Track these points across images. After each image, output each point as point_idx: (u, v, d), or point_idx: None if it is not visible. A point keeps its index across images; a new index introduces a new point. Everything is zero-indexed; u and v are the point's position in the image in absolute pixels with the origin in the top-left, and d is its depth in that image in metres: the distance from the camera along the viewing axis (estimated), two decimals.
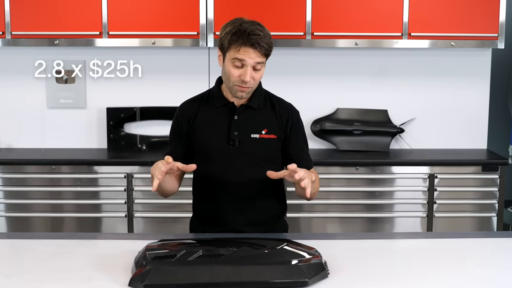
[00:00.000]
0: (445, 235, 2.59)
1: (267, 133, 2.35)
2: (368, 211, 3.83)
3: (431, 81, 4.21)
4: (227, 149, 2.33)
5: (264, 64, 2.26)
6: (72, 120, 4.18)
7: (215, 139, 2.35)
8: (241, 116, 2.35)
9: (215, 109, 2.37)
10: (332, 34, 3.83)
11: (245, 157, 2.32)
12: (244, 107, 2.36)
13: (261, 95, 2.39)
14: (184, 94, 2.69)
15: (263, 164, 2.31)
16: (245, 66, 2.21)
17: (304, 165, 2.30)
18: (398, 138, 4.21)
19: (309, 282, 1.77)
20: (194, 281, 1.73)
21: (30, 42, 3.84)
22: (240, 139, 2.33)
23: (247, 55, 2.19)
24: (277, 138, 2.36)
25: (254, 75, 2.24)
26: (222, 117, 2.36)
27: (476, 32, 3.85)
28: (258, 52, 2.19)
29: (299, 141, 2.41)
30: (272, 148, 2.37)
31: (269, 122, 2.37)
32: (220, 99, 2.37)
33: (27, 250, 2.12)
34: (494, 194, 3.82)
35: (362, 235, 2.93)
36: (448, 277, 1.88)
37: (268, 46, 2.22)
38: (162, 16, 3.82)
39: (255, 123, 2.35)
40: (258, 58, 2.21)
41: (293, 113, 2.42)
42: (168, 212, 3.77)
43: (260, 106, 2.38)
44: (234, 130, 2.33)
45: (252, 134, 2.34)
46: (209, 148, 2.36)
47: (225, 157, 2.33)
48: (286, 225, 2.54)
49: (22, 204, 3.80)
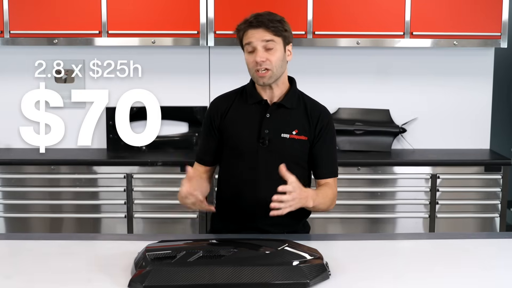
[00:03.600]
0: (447, 236, 2.61)
1: (297, 133, 2.34)
2: (369, 212, 3.81)
3: (433, 80, 4.19)
4: (256, 146, 2.32)
5: (279, 45, 2.27)
6: (71, 120, 4.16)
7: (245, 136, 2.34)
8: (273, 115, 2.34)
9: (248, 105, 2.37)
10: (333, 33, 3.82)
11: (273, 156, 2.30)
12: (277, 106, 2.35)
13: (294, 94, 2.39)
14: (184, 94, 2.68)
15: (291, 164, 2.24)
16: (255, 48, 2.24)
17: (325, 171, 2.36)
18: (400, 138, 4.19)
19: (310, 283, 1.75)
20: (194, 282, 1.72)
21: (29, 41, 3.83)
22: (270, 138, 2.32)
23: (253, 37, 2.24)
24: (307, 140, 2.35)
25: (268, 56, 2.25)
26: (254, 114, 2.35)
27: (479, 31, 3.83)
28: (263, 31, 2.24)
29: (326, 145, 2.37)
30: (301, 150, 2.35)
31: (300, 122, 2.35)
32: (253, 95, 2.37)
33: (26, 251, 2.11)
34: (497, 194, 3.80)
35: (364, 236, 2.92)
36: (450, 278, 1.87)
37: (277, 25, 2.26)
38: (162, 15, 3.80)
39: (286, 122, 2.34)
40: (267, 36, 2.24)
41: (324, 115, 2.40)
42: (168, 212, 3.76)
43: (293, 105, 2.36)
44: (265, 128, 2.32)
45: (283, 133, 2.33)
46: (238, 145, 2.35)
47: (253, 154, 2.32)
48: (308, 226, 2.53)
49: (21, 204, 3.79)
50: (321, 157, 2.37)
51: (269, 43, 2.24)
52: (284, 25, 2.29)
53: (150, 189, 3.75)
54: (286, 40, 2.30)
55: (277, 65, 2.27)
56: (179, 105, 4.09)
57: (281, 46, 2.28)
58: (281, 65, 2.29)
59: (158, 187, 3.76)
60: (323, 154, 2.37)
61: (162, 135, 4.09)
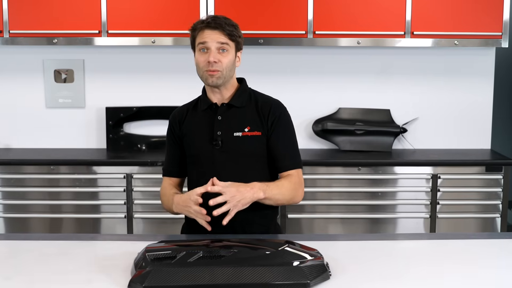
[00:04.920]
0: (448, 236, 2.59)
1: (250, 130, 2.36)
2: (370, 212, 3.80)
3: (434, 80, 4.18)
4: (211, 149, 2.36)
5: (232, 49, 2.33)
6: (71, 120, 4.16)
7: (200, 141, 2.38)
8: (224, 116, 2.38)
9: (201, 112, 2.42)
10: (334, 32, 3.81)
11: (229, 156, 2.33)
12: (227, 107, 2.39)
13: (245, 93, 2.42)
14: (184, 94, 2.68)
15: (248, 162, 2.31)
16: (208, 49, 2.29)
17: (284, 163, 2.35)
18: (401, 138, 4.18)
19: (310, 283, 1.75)
20: (194, 283, 1.71)
21: (28, 41, 3.82)
22: (223, 138, 2.35)
23: (210, 36, 2.29)
24: (261, 135, 2.36)
25: (220, 57, 2.30)
26: (206, 118, 2.40)
27: (480, 31, 3.82)
28: (219, 33, 2.29)
29: (280, 137, 2.38)
30: (256, 145, 2.36)
31: (252, 119, 2.37)
32: (205, 101, 2.42)
33: (25, 251, 2.11)
34: (498, 194, 3.79)
35: (365, 236, 2.91)
36: (451, 278, 1.86)
37: (231, 29, 2.31)
38: (162, 14, 3.80)
39: (237, 121, 2.37)
40: (222, 39, 2.29)
41: (276, 108, 2.40)
42: (168, 213, 3.72)
43: (243, 104, 2.39)
44: (217, 130, 2.36)
45: (235, 132, 2.36)
46: (195, 150, 2.40)
47: (209, 157, 2.35)
48: (279, 227, 2.51)
49: (20, 204, 3.78)
50: (278, 150, 2.37)
51: (223, 45, 2.30)
52: (239, 31, 2.36)
53: (150, 189, 3.74)
54: (238, 46, 2.37)
55: (227, 68, 2.32)
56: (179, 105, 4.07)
57: (233, 50, 2.35)
58: (231, 68, 2.35)
59: (158, 187, 3.68)
60: (279, 147, 2.37)
61: (162, 135, 4.08)
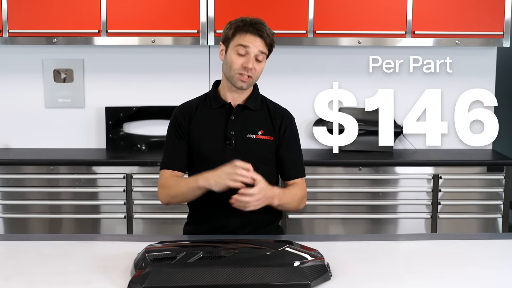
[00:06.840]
0: (450, 237, 2.59)
1: (263, 134, 2.38)
2: (371, 212, 3.79)
3: (435, 80, 4.16)
4: (223, 148, 2.35)
5: (265, 58, 2.33)
6: (70, 120, 4.16)
7: (212, 139, 2.37)
8: (238, 116, 2.38)
9: (212, 110, 2.40)
10: (334, 32, 3.81)
11: (240, 156, 2.31)
12: (241, 108, 2.39)
13: (257, 97, 2.43)
14: (184, 93, 2.67)
15: (258, 164, 2.29)
16: (248, 54, 2.28)
17: (292, 172, 2.39)
18: (402, 138, 4.17)
19: (311, 284, 1.74)
20: (194, 283, 1.71)
21: (27, 40, 3.81)
22: (236, 139, 2.35)
23: (252, 42, 2.28)
24: (273, 140, 2.39)
25: (255, 65, 2.30)
26: (219, 117, 2.39)
27: (481, 30, 3.81)
28: (263, 41, 2.29)
29: (291, 146, 2.42)
30: (268, 150, 2.39)
31: (265, 124, 2.39)
32: (217, 100, 2.40)
33: (25, 251, 2.10)
34: (500, 195, 3.78)
35: (365, 237, 2.91)
36: (452, 279, 1.86)
37: (271, 40, 2.31)
38: (162, 14, 3.79)
39: (251, 123, 2.38)
40: (262, 48, 2.29)
41: (287, 117, 2.45)
42: (168, 213, 3.74)
43: (257, 107, 2.41)
44: (230, 130, 2.36)
45: (249, 134, 2.37)
46: (205, 148, 2.37)
47: (220, 156, 2.32)
48: (281, 229, 2.52)
49: (19, 205, 3.77)
50: (287, 159, 2.42)
51: (262, 55, 2.31)
52: (274, 40, 2.35)
53: (149, 190, 3.73)
54: (268, 56, 2.38)
55: (258, 76, 2.35)
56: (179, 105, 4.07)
57: (265, 60, 2.36)
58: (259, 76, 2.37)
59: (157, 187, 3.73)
60: (289, 155, 2.42)
61: (162, 135, 4.07)
